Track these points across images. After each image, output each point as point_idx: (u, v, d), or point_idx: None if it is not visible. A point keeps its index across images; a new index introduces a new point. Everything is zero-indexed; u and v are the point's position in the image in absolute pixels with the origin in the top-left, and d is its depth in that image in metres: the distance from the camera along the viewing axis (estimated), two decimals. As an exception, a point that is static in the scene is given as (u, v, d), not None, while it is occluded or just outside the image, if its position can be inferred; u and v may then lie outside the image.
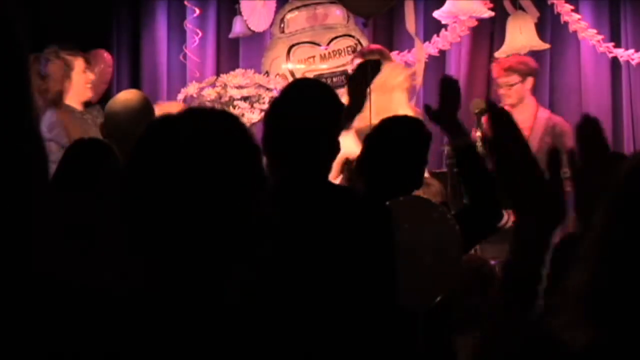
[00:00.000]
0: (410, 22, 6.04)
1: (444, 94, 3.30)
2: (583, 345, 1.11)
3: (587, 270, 1.14)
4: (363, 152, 3.32)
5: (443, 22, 6.43)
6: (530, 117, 5.77)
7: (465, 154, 3.27)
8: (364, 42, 6.21)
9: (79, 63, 5.38)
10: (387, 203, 2.92)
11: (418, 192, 3.33)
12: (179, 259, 1.48)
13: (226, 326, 1.50)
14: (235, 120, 1.62)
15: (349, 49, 6.24)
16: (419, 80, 6.11)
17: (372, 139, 3.32)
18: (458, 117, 3.30)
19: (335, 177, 3.86)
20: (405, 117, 3.44)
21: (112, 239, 1.53)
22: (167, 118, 1.60)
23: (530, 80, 5.90)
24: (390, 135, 3.27)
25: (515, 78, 5.84)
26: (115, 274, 1.41)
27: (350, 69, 5.54)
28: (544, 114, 5.98)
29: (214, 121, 1.58)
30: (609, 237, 1.14)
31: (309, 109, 2.77)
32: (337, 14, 6.32)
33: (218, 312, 1.50)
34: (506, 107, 5.72)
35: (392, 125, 3.34)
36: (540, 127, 5.84)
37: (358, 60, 5.60)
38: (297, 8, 6.40)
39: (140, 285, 1.41)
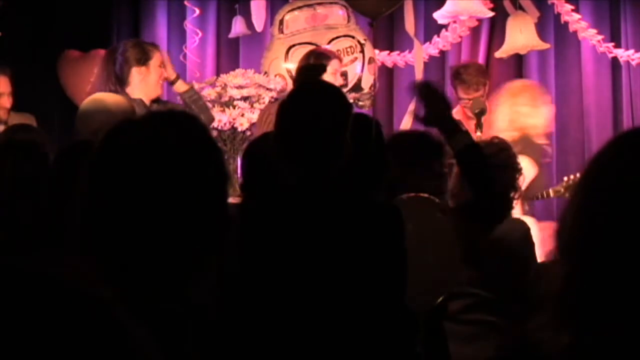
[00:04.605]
0: (410, 23, 6.03)
1: (424, 97, 3.26)
2: (559, 347, 1.09)
3: (563, 269, 1.13)
4: None
5: (443, 22, 6.42)
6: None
7: (465, 153, 3.21)
8: (365, 43, 6.20)
9: (157, 56, 5.36)
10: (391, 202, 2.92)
11: None
12: (143, 260, 1.48)
13: (192, 327, 1.50)
14: (194, 121, 1.63)
15: (349, 49, 6.22)
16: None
17: None
18: (449, 115, 3.21)
19: None
20: None
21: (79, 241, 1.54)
22: (127, 122, 1.62)
23: None
24: None
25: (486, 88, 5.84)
26: (91, 275, 1.42)
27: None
28: None
29: (172, 124, 1.59)
30: (582, 233, 1.13)
31: (319, 110, 2.78)
32: (338, 14, 6.30)
33: (184, 313, 1.51)
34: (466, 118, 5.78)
35: None
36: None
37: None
38: (298, 8, 6.39)
39: (115, 288, 1.42)
